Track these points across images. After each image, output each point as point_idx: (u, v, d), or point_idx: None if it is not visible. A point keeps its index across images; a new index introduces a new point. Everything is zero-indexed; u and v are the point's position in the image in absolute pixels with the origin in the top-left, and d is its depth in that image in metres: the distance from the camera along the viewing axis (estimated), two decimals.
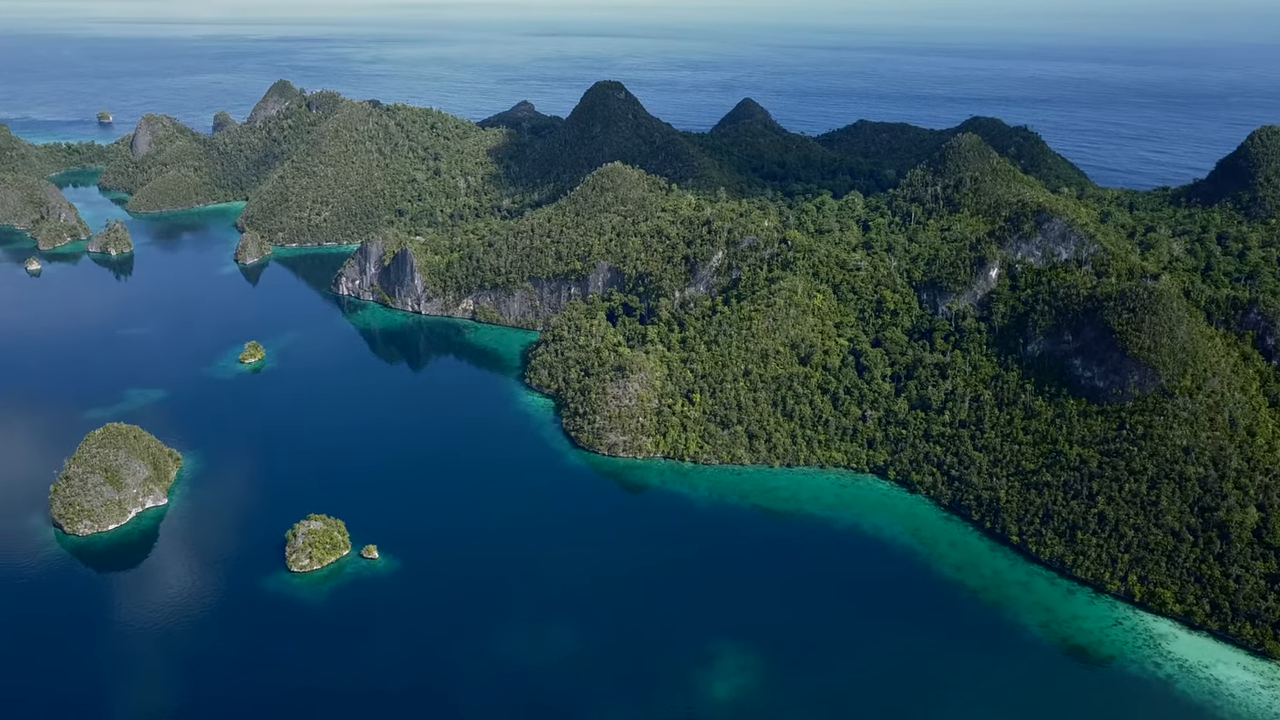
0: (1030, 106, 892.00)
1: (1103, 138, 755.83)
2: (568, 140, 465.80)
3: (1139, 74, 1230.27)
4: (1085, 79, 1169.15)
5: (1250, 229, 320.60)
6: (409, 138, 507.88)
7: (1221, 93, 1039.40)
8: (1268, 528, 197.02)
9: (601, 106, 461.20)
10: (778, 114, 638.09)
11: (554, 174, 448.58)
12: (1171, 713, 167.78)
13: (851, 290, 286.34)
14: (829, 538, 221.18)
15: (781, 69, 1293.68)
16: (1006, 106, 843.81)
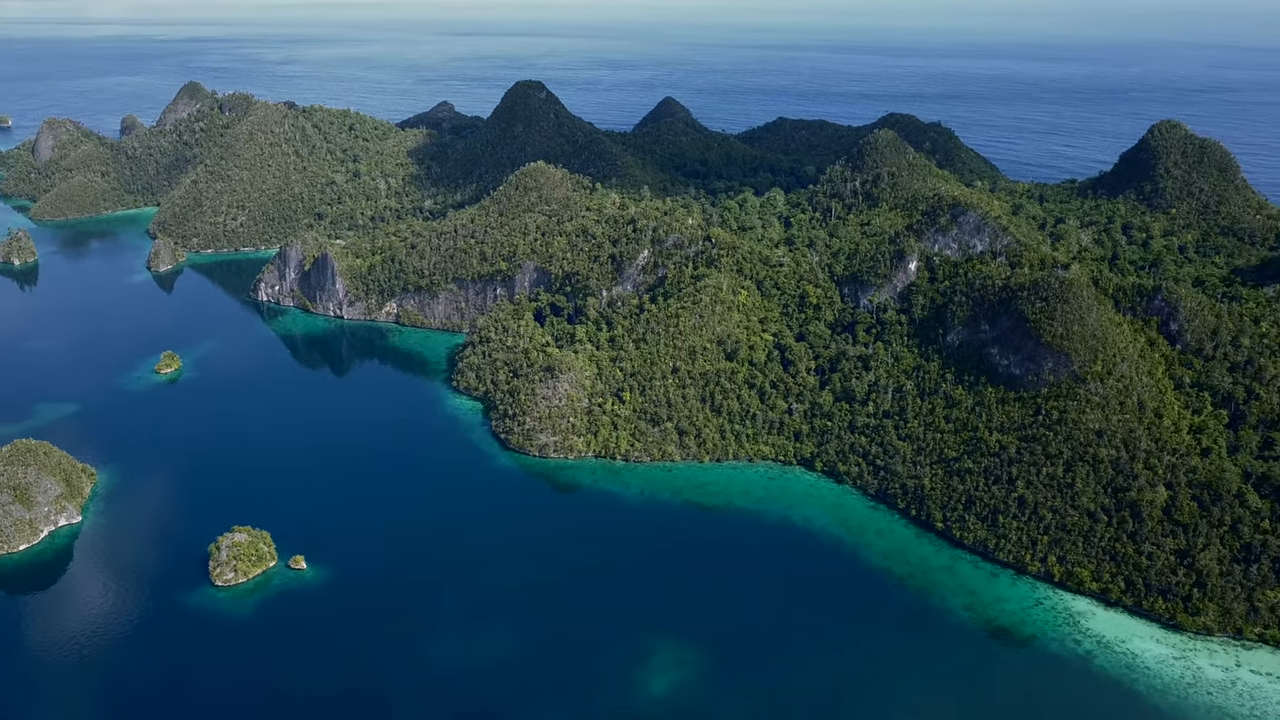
0: (943, 103, 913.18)
1: (1013, 132, 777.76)
2: (489, 140, 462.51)
3: (1045, 70, 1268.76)
4: (995, 75, 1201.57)
5: (1153, 219, 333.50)
6: (327, 140, 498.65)
7: (1123, 88, 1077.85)
8: (1176, 505, 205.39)
9: (523, 106, 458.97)
10: (699, 112, 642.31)
11: (476, 174, 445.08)
12: (1091, 687, 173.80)
13: (775, 286, 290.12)
14: (760, 530, 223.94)
15: (701, 67, 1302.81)
16: (921, 103, 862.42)
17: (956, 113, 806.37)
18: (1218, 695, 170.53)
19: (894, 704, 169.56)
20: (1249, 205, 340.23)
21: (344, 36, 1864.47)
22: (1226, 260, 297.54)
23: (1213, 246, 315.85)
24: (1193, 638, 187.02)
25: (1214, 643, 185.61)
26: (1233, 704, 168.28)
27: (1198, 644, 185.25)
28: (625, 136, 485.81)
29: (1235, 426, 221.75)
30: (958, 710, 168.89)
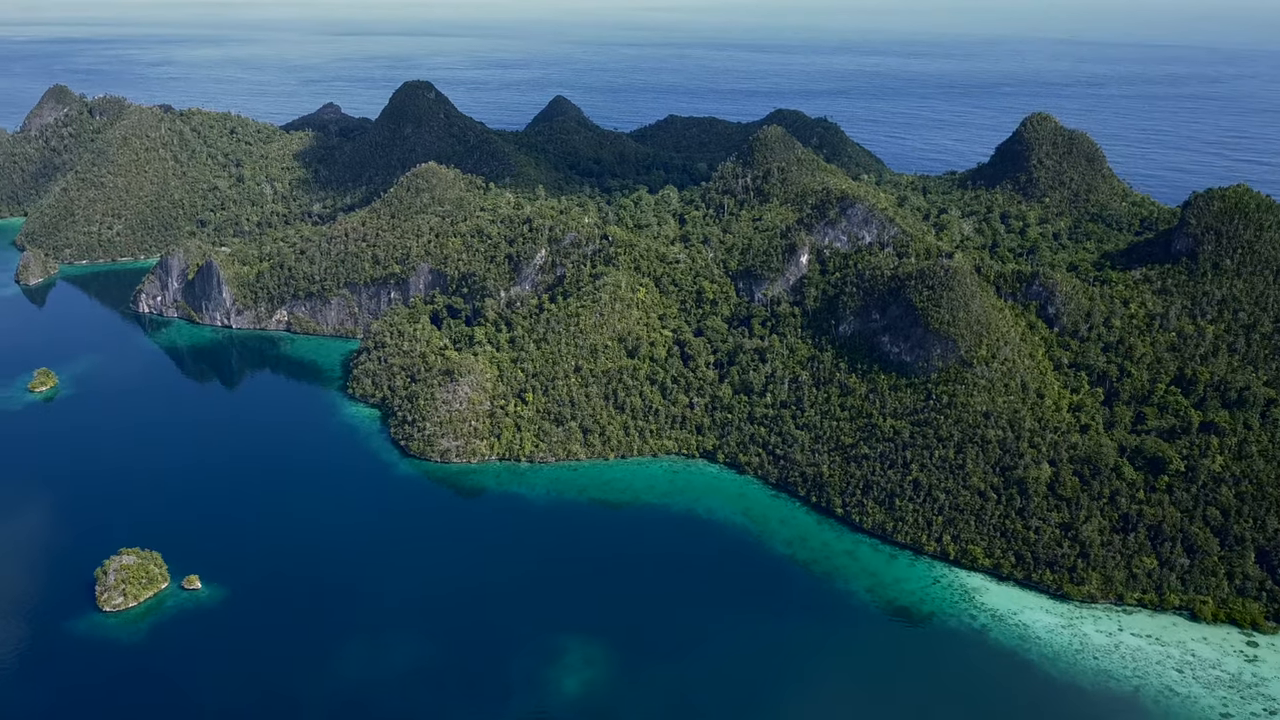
0: (829, 98, 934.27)
1: (896, 126, 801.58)
2: (378, 142, 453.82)
3: (924, 66, 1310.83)
4: (877, 72, 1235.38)
5: (1028, 208, 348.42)
6: (207, 144, 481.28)
7: (996, 83, 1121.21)
8: (1059, 481, 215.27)
9: (411, 106, 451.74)
10: (591, 111, 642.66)
11: (366, 176, 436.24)
12: (987, 659, 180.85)
13: (672, 282, 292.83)
14: (666, 524, 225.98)
15: (592, 66, 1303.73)
16: (807, 99, 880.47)
17: (842, 108, 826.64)
18: (1103, 659, 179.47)
19: (802, 688, 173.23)
20: (1115, 193, 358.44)
21: (222, 37, 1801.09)
22: (1097, 246, 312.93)
23: (1084, 233, 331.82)
24: (1079, 606, 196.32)
25: (1098, 610, 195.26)
26: (1116, 667, 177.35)
27: (1083, 612, 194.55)
28: (518, 136, 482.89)
29: (1110, 403, 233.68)
30: (864, 691, 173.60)
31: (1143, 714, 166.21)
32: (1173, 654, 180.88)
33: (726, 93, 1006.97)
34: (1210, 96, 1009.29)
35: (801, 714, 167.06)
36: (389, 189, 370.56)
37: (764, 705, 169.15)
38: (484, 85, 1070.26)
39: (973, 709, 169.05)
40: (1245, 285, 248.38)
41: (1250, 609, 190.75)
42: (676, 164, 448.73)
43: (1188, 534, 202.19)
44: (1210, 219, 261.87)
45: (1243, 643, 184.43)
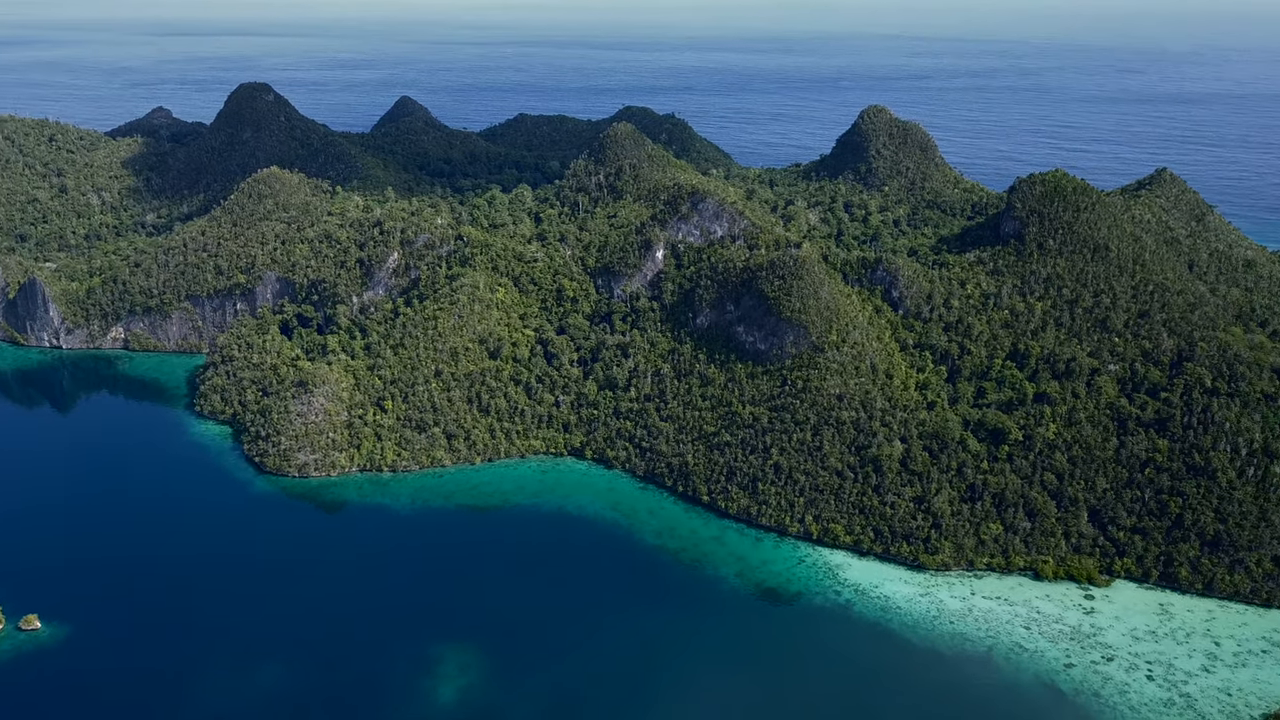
0: (676, 95, 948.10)
1: (741, 121, 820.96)
2: (215, 147, 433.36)
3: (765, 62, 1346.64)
4: (720, 68, 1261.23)
5: (870, 197, 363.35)
6: (23, 153, 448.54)
7: (834, 77, 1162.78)
8: (910, 456, 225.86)
9: (249, 110, 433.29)
10: (438, 111, 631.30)
11: (203, 183, 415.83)
12: (853, 632, 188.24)
13: (531, 281, 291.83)
14: (537, 524, 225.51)
15: (437, 65, 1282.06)
16: (654, 95, 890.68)
17: (688, 104, 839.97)
18: (958, 623, 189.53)
19: (679, 677, 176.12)
20: (948, 181, 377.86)
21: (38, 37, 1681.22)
22: (934, 231, 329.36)
23: (921, 219, 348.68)
24: (934, 575, 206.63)
25: (952, 576, 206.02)
26: (971, 629, 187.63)
27: (939, 580, 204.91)
28: (363, 138, 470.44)
29: (953, 380, 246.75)
30: (738, 673, 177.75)
31: (996, 671, 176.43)
32: (1020, 613, 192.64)
33: (575, 91, 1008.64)
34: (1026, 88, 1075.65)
35: (679, 702, 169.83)
36: (229, 196, 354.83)
37: (641, 697, 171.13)
38: (325, 87, 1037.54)
39: (841, 681, 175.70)
40: (1067, 263, 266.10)
41: (1086, 565, 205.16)
42: (529, 162, 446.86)
43: (1028, 499, 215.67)
44: (1033, 202, 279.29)
45: (1081, 597, 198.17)
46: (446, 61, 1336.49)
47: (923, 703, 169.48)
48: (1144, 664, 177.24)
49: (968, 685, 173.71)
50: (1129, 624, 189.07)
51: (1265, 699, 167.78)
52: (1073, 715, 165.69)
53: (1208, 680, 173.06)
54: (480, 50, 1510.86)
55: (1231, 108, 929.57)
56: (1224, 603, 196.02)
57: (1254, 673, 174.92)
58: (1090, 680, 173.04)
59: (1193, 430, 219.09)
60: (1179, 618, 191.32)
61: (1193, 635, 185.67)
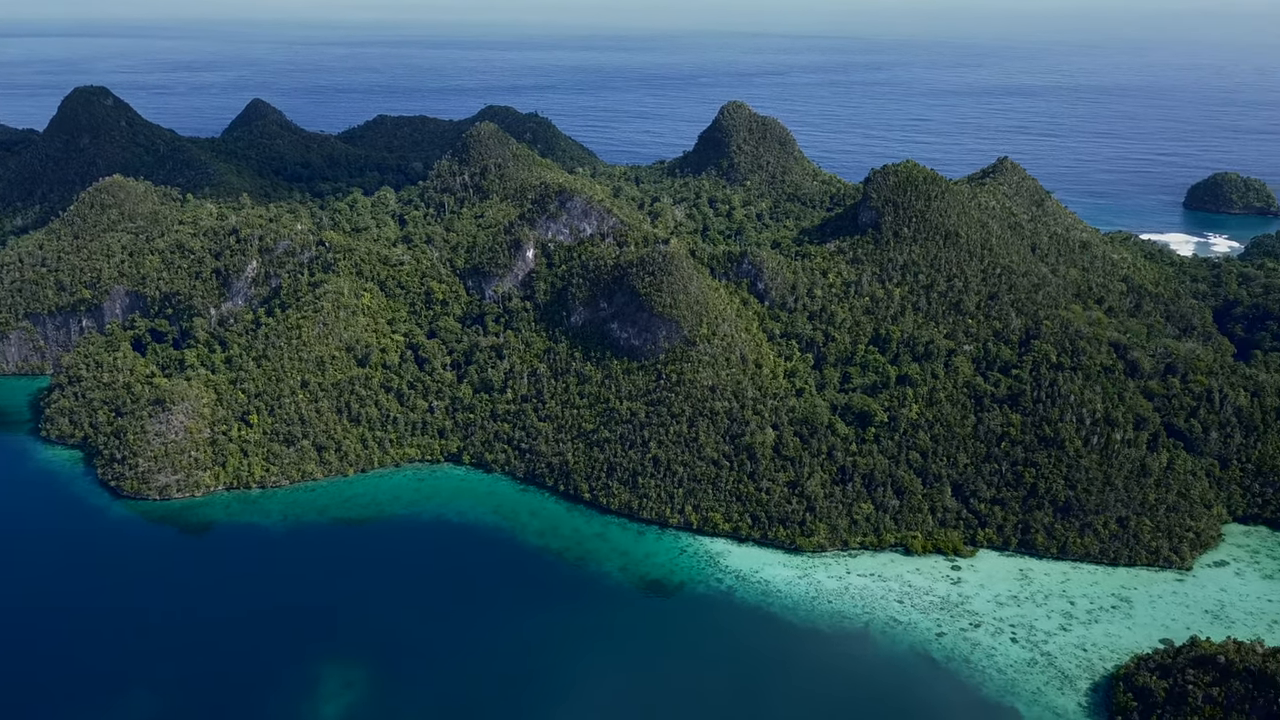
0: (538, 93, 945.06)
1: (605, 119, 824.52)
2: (50, 155, 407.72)
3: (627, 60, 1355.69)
4: (581, 67, 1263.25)
5: (733, 191, 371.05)
6: None
7: (693, 74, 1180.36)
8: (783, 443, 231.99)
9: (86, 115, 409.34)
10: (293, 114, 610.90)
11: (39, 194, 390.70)
12: (736, 618, 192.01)
13: (399, 285, 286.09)
14: (416, 533, 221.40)
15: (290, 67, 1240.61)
16: (517, 95, 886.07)
17: (551, 103, 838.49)
18: (836, 602, 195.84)
19: (569, 676, 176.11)
20: (807, 173, 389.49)
21: None
22: (795, 223, 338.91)
23: (783, 212, 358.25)
24: (811, 557, 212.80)
25: (828, 557, 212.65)
26: (848, 607, 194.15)
27: (815, 561, 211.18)
28: (214, 143, 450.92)
29: (819, 367, 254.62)
30: (627, 667, 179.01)
31: (873, 645, 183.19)
32: (893, 588, 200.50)
33: (435, 91, 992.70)
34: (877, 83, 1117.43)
35: (570, 700, 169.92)
36: (68, 207, 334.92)
37: (532, 698, 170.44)
38: (170, 90, 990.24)
39: (728, 666, 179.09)
40: (921, 250, 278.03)
41: (951, 537, 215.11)
42: (391, 164, 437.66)
43: (895, 478, 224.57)
44: (888, 193, 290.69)
45: (948, 568, 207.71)
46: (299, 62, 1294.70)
47: (806, 681, 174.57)
48: (1008, 627, 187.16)
49: (847, 661, 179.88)
50: (993, 591, 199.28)
51: (1116, 651, 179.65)
52: (946, 682, 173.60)
53: (1065, 638, 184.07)
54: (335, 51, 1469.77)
55: (1062, 99, 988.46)
56: (1076, 564, 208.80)
57: (1105, 628, 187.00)
58: (960, 647, 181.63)
59: (1042, 404, 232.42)
60: (1037, 581, 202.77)
61: (1050, 597, 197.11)
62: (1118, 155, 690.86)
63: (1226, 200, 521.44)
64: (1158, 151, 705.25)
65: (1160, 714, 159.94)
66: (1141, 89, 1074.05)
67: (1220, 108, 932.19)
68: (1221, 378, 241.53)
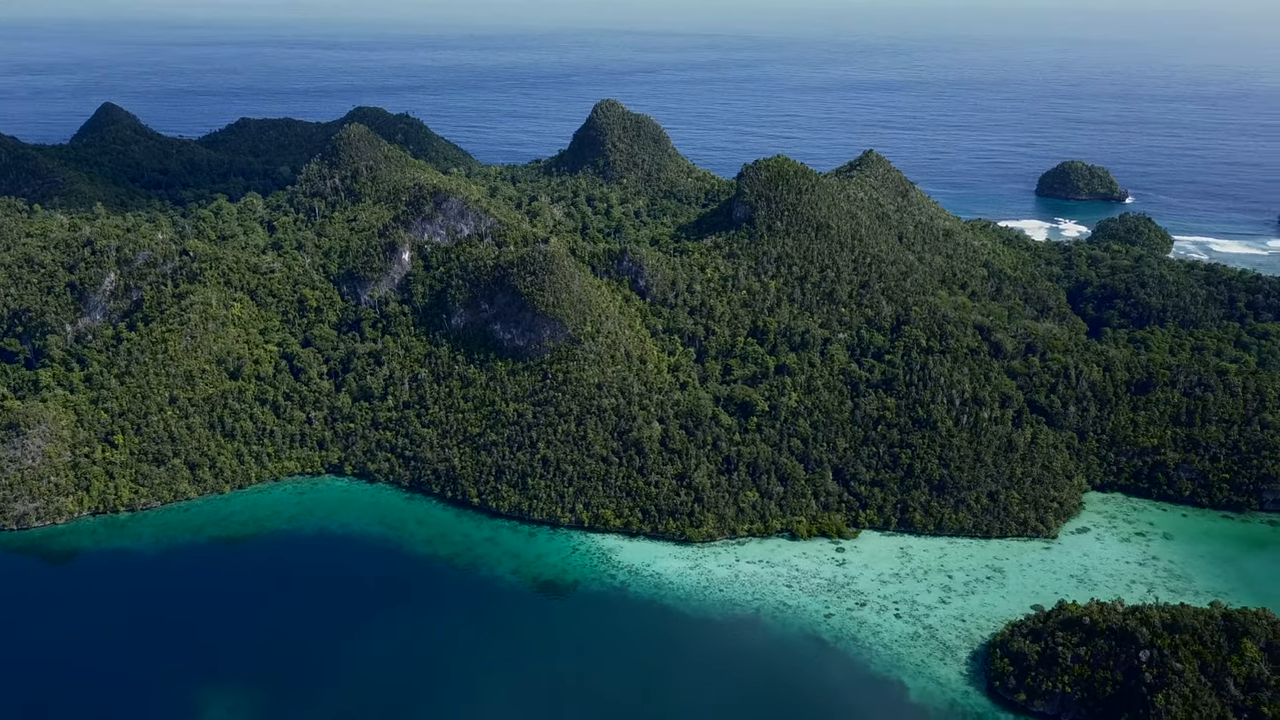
0: (408, 94, 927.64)
1: (478, 119, 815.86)
2: None
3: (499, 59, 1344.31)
4: (451, 66, 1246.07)
5: (610, 190, 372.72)
6: None
7: (566, 73, 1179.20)
8: (669, 436, 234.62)
9: None
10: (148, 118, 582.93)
11: None
12: (630, 612, 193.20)
13: (270, 294, 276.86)
14: (299, 548, 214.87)
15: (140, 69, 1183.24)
16: (386, 95, 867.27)
17: (422, 103, 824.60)
18: (726, 590, 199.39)
19: (465, 680, 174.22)
20: (681, 170, 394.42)
21: None
22: (672, 220, 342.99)
23: (660, 209, 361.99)
24: (701, 547, 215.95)
25: (717, 546, 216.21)
26: (738, 594, 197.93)
27: (705, 551, 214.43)
28: (63, 150, 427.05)
29: (701, 360, 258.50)
30: (523, 668, 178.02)
31: (765, 630, 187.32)
32: (781, 572, 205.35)
33: (299, 93, 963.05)
34: (747, 80, 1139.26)
35: (468, 705, 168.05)
36: None
37: (428, 707, 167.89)
38: (9, 95, 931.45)
39: (624, 661, 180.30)
40: (794, 243, 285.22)
41: (835, 520, 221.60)
42: (256, 169, 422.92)
43: (779, 465, 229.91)
44: (760, 187, 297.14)
45: (833, 550, 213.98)
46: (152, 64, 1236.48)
47: (702, 670, 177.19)
48: (892, 604, 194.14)
49: (741, 647, 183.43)
50: (876, 570, 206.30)
51: (992, 619, 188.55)
52: (835, 661, 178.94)
53: (945, 611, 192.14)
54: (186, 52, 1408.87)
55: (921, 94, 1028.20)
56: (952, 539, 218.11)
57: (981, 598, 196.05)
58: (848, 626, 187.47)
59: (914, 387, 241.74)
60: (917, 558, 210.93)
61: (930, 572, 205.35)
62: (974, 146, 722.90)
63: (1074, 187, 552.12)
64: (1010, 143, 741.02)
65: (1034, 676, 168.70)
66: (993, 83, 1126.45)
67: (1064, 100, 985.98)
68: (1076, 355, 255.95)
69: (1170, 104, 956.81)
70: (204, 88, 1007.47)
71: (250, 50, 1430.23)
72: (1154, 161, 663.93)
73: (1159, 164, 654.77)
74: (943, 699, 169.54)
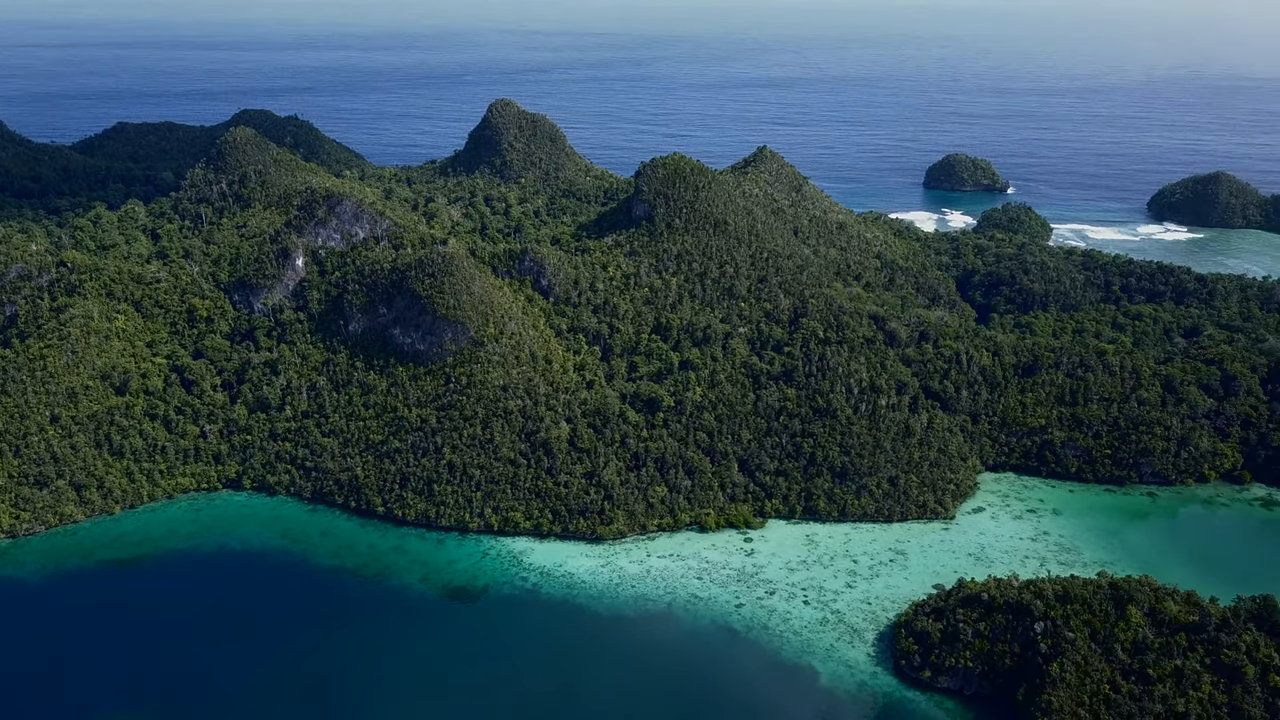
0: (296, 96, 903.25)
1: (369, 120, 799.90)
2: None
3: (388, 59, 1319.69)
4: (340, 67, 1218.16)
5: (508, 189, 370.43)
6: None
7: (458, 73, 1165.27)
8: (578, 435, 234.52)
9: None
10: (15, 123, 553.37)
11: None
12: (544, 614, 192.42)
13: (156, 305, 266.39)
14: (197, 567, 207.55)
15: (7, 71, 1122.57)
16: (273, 97, 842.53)
17: (311, 105, 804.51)
18: (639, 585, 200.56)
19: (377, 693, 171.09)
20: (580, 169, 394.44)
21: None
22: (572, 219, 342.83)
23: (559, 208, 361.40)
24: (612, 544, 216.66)
25: (628, 543, 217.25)
26: (650, 589, 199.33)
27: (616, 548, 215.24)
28: None
29: (606, 358, 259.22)
30: (438, 676, 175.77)
31: (677, 623, 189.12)
32: (692, 565, 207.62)
33: (180, 95, 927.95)
34: (639, 78, 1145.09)
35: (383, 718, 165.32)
36: None
37: None
38: None
39: (540, 663, 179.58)
40: (693, 240, 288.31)
41: (742, 511, 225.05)
42: (137, 175, 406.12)
43: (686, 459, 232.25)
44: (658, 185, 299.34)
45: (741, 541, 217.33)
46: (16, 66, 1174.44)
47: (616, 667, 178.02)
48: (800, 591, 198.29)
49: (654, 641, 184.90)
50: (784, 558, 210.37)
51: (896, 601, 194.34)
52: (747, 650, 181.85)
53: (851, 595, 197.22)
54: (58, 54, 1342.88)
55: (811, 90, 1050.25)
56: (856, 524, 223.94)
57: (885, 580, 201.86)
58: (758, 615, 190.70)
59: (814, 377, 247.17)
60: (823, 544, 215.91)
61: (835, 558, 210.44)
62: (863, 141, 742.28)
63: (959, 179, 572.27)
64: (897, 137, 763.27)
65: (938, 653, 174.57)
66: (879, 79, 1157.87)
67: (946, 95, 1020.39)
68: (966, 341, 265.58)
69: (1044, 98, 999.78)
70: (75, 91, 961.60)
71: (123, 52, 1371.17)
72: (1032, 153, 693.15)
73: (1037, 155, 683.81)
74: (852, 681, 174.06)
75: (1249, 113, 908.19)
